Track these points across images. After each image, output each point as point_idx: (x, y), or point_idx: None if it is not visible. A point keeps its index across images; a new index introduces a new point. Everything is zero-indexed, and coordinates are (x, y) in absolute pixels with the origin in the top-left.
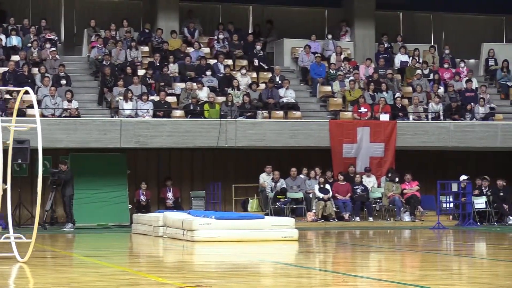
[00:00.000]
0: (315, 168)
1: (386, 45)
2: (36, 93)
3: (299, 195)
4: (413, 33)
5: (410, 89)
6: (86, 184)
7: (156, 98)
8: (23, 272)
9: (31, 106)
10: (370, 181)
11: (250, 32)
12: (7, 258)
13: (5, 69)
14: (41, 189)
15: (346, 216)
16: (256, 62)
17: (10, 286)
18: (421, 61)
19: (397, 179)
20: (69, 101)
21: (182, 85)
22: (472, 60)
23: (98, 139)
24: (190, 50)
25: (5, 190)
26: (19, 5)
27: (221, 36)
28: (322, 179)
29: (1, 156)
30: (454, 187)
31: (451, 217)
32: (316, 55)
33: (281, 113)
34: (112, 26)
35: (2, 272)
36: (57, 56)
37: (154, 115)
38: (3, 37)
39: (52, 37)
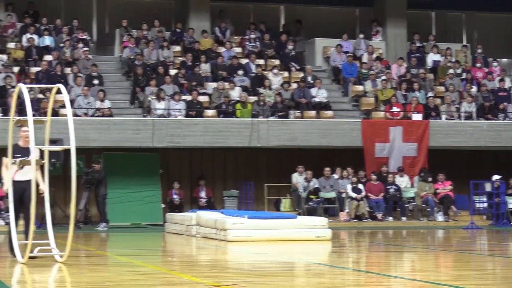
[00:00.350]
0: (347, 168)
1: (418, 45)
2: (69, 92)
3: (332, 194)
4: (445, 32)
5: (442, 88)
6: (119, 183)
7: (188, 97)
8: (58, 272)
9: (64, 106)
10: (403, 181)
11: (281, 31)
12: (45, 257)
13: (38, 69)
14: (75, 189)
15: (379, 216)
16: (293, 70)
17: (47, 285)
18: (453, 60)
19: (430, 179)
20: (102, 100)
21: (214, 84)
22: (504, 59)
23: (131, 138)
24: (221, 49)
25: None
26: (52, 5)
27: (252, 36)
28: (355, 179)
29: (32, 136)
30: (488, 187)
31: (484, 217)
32: (348, 54)
33: (313, 112)
34: (144, 26)
35: (39, 272)
36: (89, 56)
37: (187, 115)
38: (36, 37)
39: (84, 37)
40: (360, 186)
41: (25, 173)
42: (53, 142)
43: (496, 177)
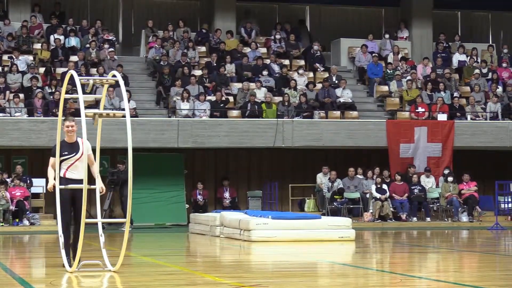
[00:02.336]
0: (372, 168)
1: (443, 45)
2: (94, 93)
3: (356, 195)
4: (471, 32)
5: (468, 88)
6: (144, 184)
7: (212, 98)
8: (84, 272)
9: (88, 107)
10: (429, 182)
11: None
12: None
13: (64, 69)
14: (131, 191)
15: (403, 216)
16: (318, 70)
17: (70, 284)
18: (479, 60)
19: (450, 179)
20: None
21: (239, 85)
22: None
23: (156, 139)
24: (247, 50)
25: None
26: (78, 6)
27: (277, 36)
28: (379, 179)
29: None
30: None
31: (509, 217)
32: (373, 54)
33: (338, 113)
34: (170, 26)
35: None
36: (115, 56)
37: (211, 115)
38: (62, 38)
39: (110, 37)
40: (384, 186)
41: (77, 170)
42: None
43: None
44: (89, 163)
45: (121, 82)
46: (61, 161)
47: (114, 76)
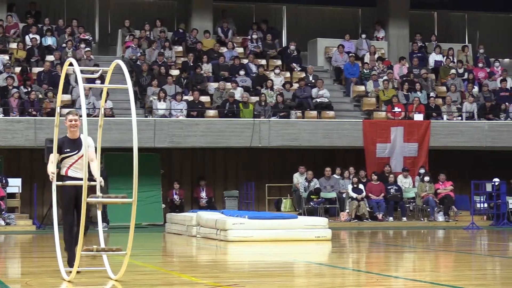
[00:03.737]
0: (349, 168)
1: (420, 45)
2: (70, 93)
3: (333, 195)
4: (447, 32)
5: (444, 88)
6: (120, 183)
7: (189, 98)
8: (59, 272)
9: (66, 106)
10: (406, 182)
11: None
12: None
13: (41, 69)
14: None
15: (380, 216)
16: (295, 70)
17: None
18: (455, 60)
19: (426, 178)
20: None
21: (216, 85)
22: (506, 60)
23: (132, 138)
24: (223, 50)
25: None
26: (54, 5)
27: (254, 36)
28: (355, 179)
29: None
30: (489, 187)
31: (485, 217)
32: (350, 54)
33: (314, 113)
34: (146, 26)
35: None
36: (91, 56)
37: (188, 115)
38: (38, 37)
39: (86, 37)
40: (361, 186)
41: (80, 169)
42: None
43: (496, 180)
44: (89, 159)
45: (125, 70)
46: (62, 159)
47: (118, 64)
